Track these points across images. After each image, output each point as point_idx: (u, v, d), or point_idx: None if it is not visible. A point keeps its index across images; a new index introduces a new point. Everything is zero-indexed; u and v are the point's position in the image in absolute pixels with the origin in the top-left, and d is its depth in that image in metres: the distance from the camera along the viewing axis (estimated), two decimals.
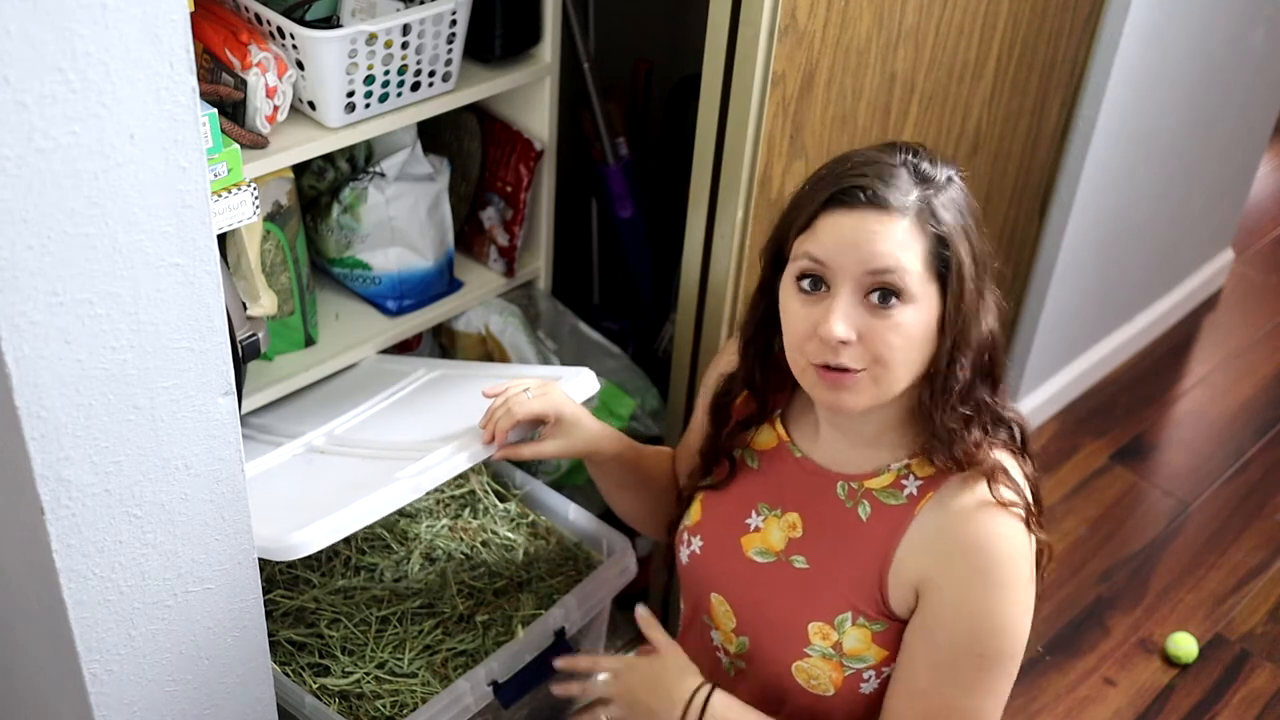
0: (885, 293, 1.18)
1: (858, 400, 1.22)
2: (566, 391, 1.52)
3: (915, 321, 1.19)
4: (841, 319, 1.18)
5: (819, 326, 1.20)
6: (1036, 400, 2.69)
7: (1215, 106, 2.61)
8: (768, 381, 1.36)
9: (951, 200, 1.22)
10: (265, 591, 1.59)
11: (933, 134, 1.91)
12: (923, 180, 1.21)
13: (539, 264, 2.00)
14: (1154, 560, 2.46)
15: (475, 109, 1.92)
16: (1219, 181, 2.88)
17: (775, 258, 1.28)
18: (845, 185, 1.19)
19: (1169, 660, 2.26)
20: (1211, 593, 2.40)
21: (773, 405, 1.40)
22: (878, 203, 1.18)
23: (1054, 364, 2.70)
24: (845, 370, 1.20)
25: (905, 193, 1.19)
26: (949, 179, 1.23)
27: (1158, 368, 2.95)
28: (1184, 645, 2.25)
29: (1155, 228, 2.71)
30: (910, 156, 1.23)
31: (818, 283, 1.21)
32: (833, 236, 1.19)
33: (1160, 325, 3.02)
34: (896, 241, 1.17)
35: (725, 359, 1.45)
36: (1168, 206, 2.70)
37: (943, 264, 1.19)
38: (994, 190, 2.16)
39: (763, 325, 1.32)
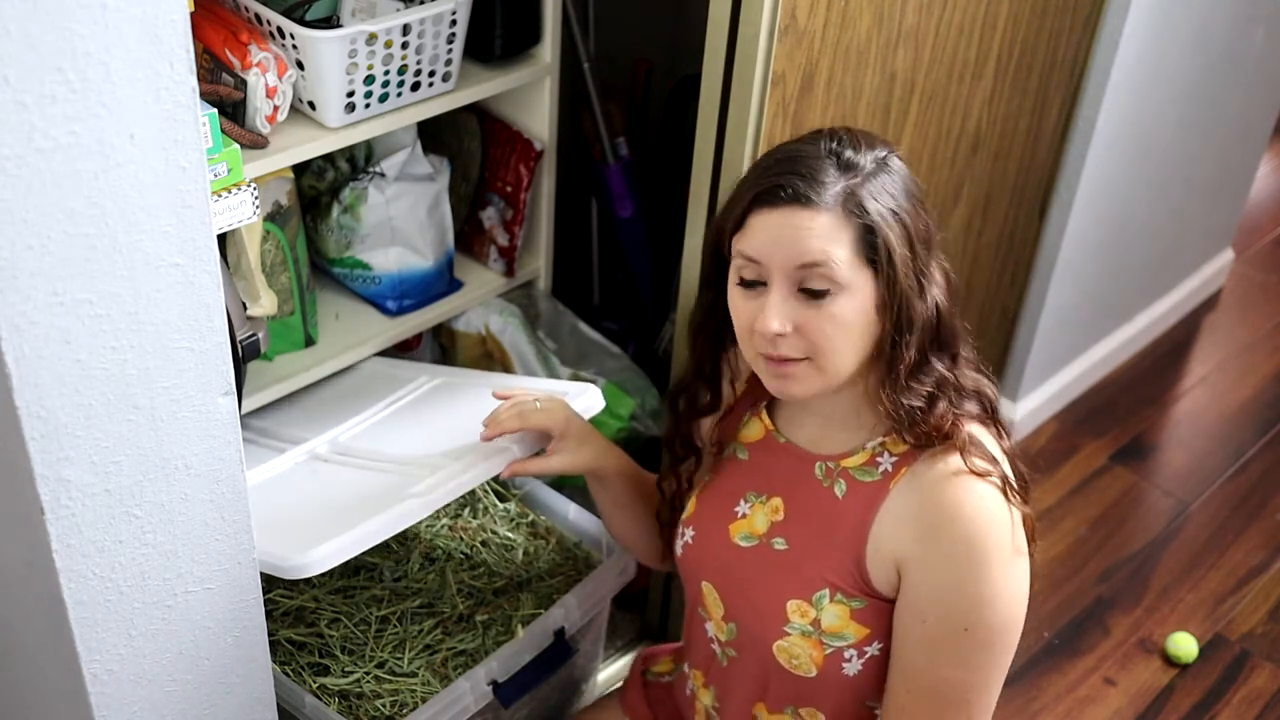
0: (816, 285, 1.21)
1: (805, 388, 1.26)
2: (573, 408, 1.52)
3: (850, 309, 1.22)
4: (775, 314, 1.22)
5: (756, 321, 1.24)
6: (1036, 400, 2.69)
7: (1215, 106, 2.61)
8: (717, 372, 1.40)
9: (880, 185, 1.23)
10: (265, 591, 1.59)
11: (933, 134, 1.91)
12: (847, 168, 1.22)
13: (539, 264, 2.00)
14: (1154, 560, 2.46)
15: (475, 109, 1.92)
16: (1219, 181, 2.88)
17: (715, 254, 1.32)
18: (767, 185, 1.23)
19: (1169, 660, 2.26)
20: (1211, 593, 2.39)
21: (724, 396, 1.43)
22: (799, 199, 1.21)
23: (1054, 364, 2.70)
24: (787, 360, 1.24)
25: (828, 186, 1.21)
26: (878, 162, 1.24)
27: (1158, 368, 2.95)
28: (1184, 645, 2.25)
29: (1155, 228, 2.71)
30: (834, 145, 1.24)
31: (755, 279, 1.25)
32: (762, 235, 1.23)
33: (1160, 325, 3.02)
34: (821, 235, 1.20)
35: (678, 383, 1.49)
36: (1168, 206, 2.70)
37: (872, 250, 1.21)
38: (994, 190, 2.16)
39: (707, 317, 1.36)
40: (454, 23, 1.65)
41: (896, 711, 1.29)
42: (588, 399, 1.58)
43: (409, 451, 1.59)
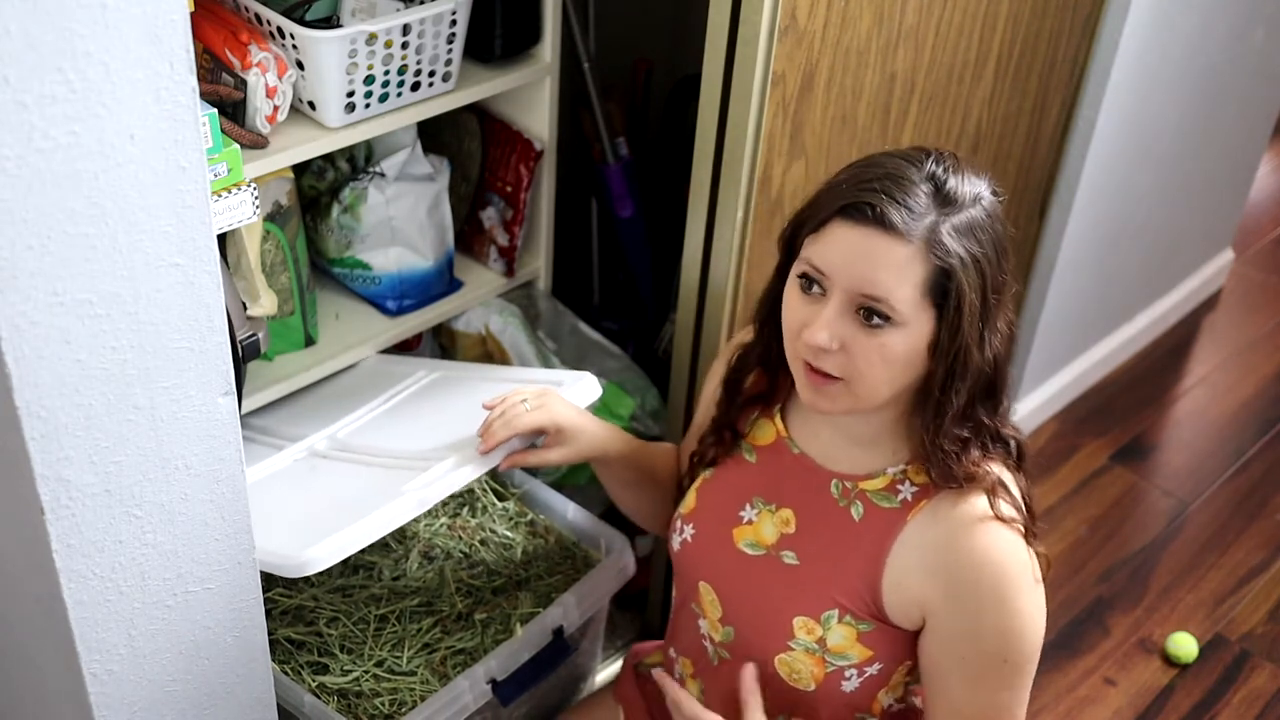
0: (873, 312, 1.19)
1: (833, 405, 1.25)
2: (568, 398, 1.52)
3: (901, 344, 1.20)
4: (826, 328, 1.20)
5: (805, 329, 1.22)
6: (1036, 400, 2.69)
7: (1215, 106, 2.61)
8: (781, 360, 1.35)
9: (969, 225, 1.19)
10: (264, 590, 1.59)
11: (933, 134, 1.90)
12: (943, 201, 1.19)
13: (539, 264, 2.00)
14: (1154, 560, 2.46)
15: (475, 109, 1.92)
16: (1219, 181, 2.88)
17: (789, 247, 1.29)
18: (857, 199, 1.18)
19: (1169, 660, 2.26)
20: (1211, 593, 2.40)
21: (782, 386, 1.40)
22: (883, 224, 1.17)
23: (1054, 364, 2.70)
24: (826, 376, 1.22)
25: (917, 216, 1.17)
26: (975, 199, 1.21)
27: (1158, 368, 2.95)
28: (1184, 645, 2.25)
29: (1155, 228, 2.71)
30: (938, 170, 1.20)
31: (816, 285, 1.22)
32: (835, 249, 1.20)
33: (1160, 325, 3.02)
34: (893, 269, 1.17)
35: (745, 333, 1.46)
36: (1168, 206, 2.70)
37: (942, 294, 1.18)
38: None
39: (776, 305, 1.32)
40: (454, 23, 1.65)
41: None
42: (582, 387, 1.58)
43: (408, 446, 1.59)
